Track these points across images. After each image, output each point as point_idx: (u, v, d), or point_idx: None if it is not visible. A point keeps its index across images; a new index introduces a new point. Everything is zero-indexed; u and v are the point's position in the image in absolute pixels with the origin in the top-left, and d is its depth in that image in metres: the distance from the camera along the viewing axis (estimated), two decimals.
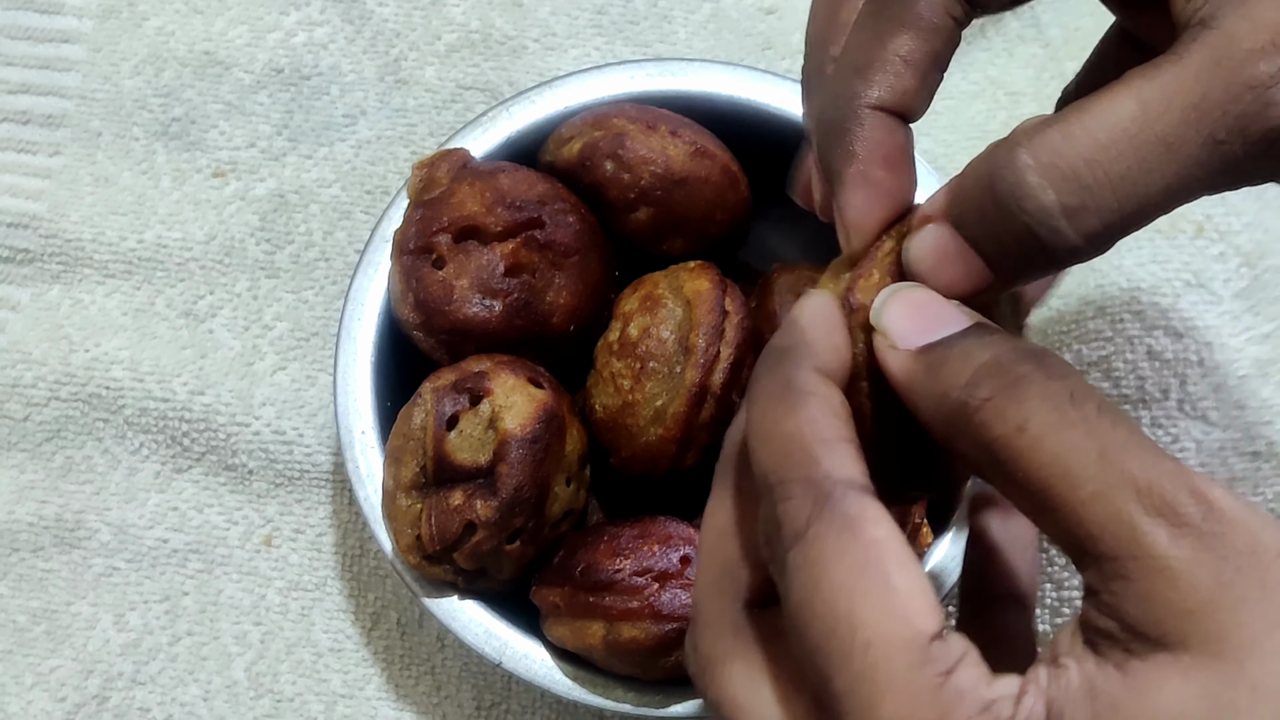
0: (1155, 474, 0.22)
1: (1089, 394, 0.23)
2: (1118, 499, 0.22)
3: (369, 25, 0.55)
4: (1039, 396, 0.23)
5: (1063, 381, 0.23)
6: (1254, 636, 0.21)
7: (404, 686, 0.48)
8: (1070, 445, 0.23)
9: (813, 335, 0.27)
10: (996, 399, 0.24)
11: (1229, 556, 0.21)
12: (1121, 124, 0.25)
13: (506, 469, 0.39)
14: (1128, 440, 0.23)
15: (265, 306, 0.51)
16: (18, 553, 0.49)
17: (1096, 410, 0.23)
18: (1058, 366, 0.24)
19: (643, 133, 0.43)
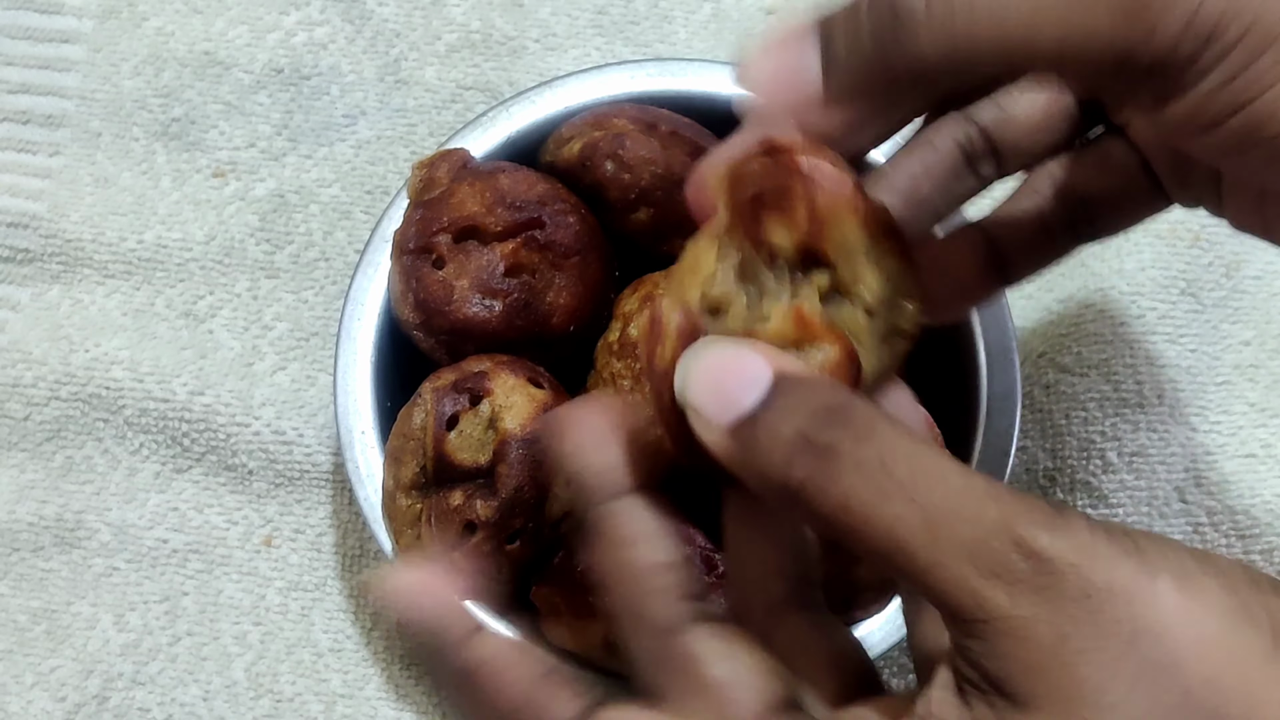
0: (980, 533, 0.22)
1: (898, 450, 0.23)
2: (952, 566, 0.22)
3: (369, 25, 0.55)
4: (851, 469, 0.23)
5: (871, 444, 0.23)
6: (1095, 688, 0.21)
7: (404, 686, 0.48)
8: (894, 517, 0.22)
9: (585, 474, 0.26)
10: (812, 479, 0.23)
11: (1063, 607, 0.21)
12: None
13: (506, 469, 0.39)
14: (946, 500, 0.22)
15: (265, 307, 0.51)
16: (18, 552, 0.49)
17: (909, 473, 0.22)
18: (864, 423, 0.23)
19: (643, 133, 0.43)
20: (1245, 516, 0.49)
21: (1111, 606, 0.21)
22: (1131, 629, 0.21)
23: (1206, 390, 0.50)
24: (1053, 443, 0.49)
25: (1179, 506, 0.49)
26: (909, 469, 0.23)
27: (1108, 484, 0.48)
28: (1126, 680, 0.21)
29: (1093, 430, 0.49)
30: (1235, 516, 0.49)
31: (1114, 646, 0.21)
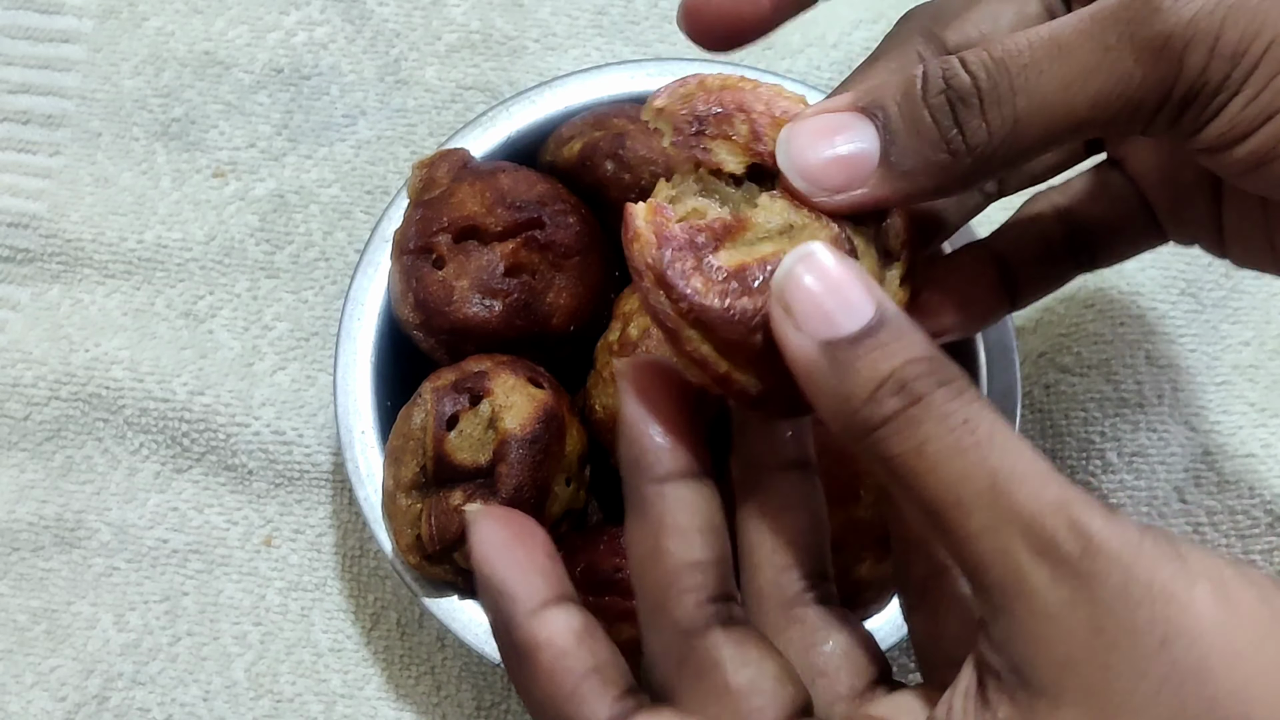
0: (1039, 506, 0.22)
1: (983, 415, 0.23)
2: (1004, 534, 0.22)
3: (369, 25, 0.55)
4: (937, 419, 0.23)
5: (960, 401, 0.23)
6: (1123, 686, 0.21)
7: (404, 686, 0.48)
8: (962, 473, 0.23)
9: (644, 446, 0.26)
10: (897, 419, 0.23)
11: (1102, 598, 0.21)
12: (1031, 34, 0.27)
13: (506, 469, 0.39)
14: (1016, 467, 0.22)
15: (265, 307, 0.51)
16: (18, 552, 0.49)
17: (989, 435, 0.23)
18: (957, 383, 0.24)
19: (643, 133, 0.43)
20: (1245, 517, 0.49)
21: (1149, 606, 0.21)
22: (1165, 631, 0.21)
23: (1206, 390, 0.50)
24: (1053, 443, 0.49)
25: (1179, 506, 0.49)
26: (989, 432, 0.23)
27: (1108, 484, 0.48)
28: (1155, 681, 0.21)
29: (1093, 430, 0.49)
30: (1235, 516, 0.49)
31: (1146, 645, 0.21)
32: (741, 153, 0.27)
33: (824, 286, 0.25)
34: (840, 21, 0.55)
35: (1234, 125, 0.26)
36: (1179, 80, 0.26)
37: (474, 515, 0.27)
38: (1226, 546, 0.48)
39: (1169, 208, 0.34)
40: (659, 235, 0.27)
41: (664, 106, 0.28)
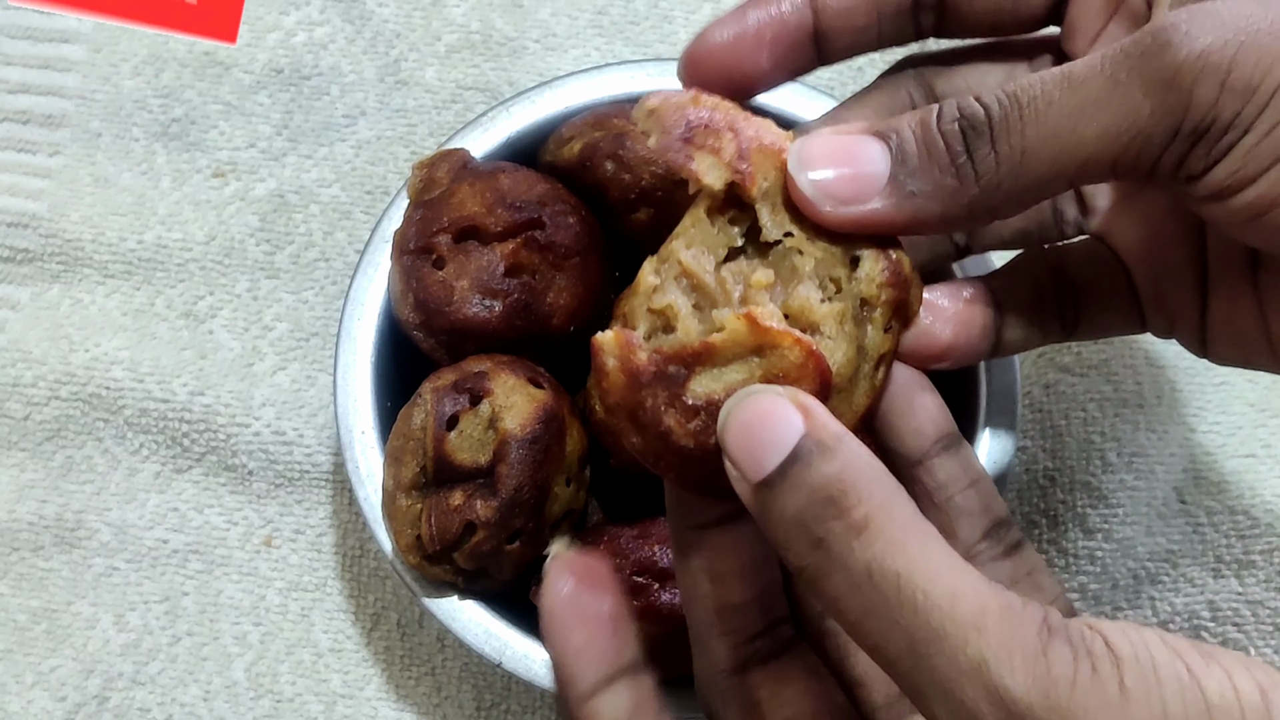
0: (956, 675, 0.22)
1: (886, 559, 0.23)
2: (929, 700, 0.22)
3: (369, 25, 0.55)
4: (841, 576, 0.23)
5: (861, 546, 0.23)
6: None
7: (404, 687, 0.48)
8: (880, 634, 0.23)
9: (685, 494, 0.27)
10: (807, 569, 0.24)
11: None
12: (1045, 73, 0.27)
13: (506, 469, 0.39)
14: (929, 624, 0.22)
15: (265, 307, 0.51)
16: (18, 552, 0.49)
17: (896, 587, 0.22)
18: (859, 518, 0.23)
19: None
20: (1245, 516, 0.49)
21: None
22: None
23: (1205, 390, 0.50)
24: (1052, 443, 0.49)
25: (1178, 507, 0.49)
26: (896, 587, 0.22)
27: (1107, 484, 0.48)
28: None
29: (1092, 430, 0.49)
30: (1235, 516, 0.49)
31: None
32: (724, 168, 0.27)
33: (749, 429, 0.25)
34: None
35: (1244, 165, 0.26)
36: (1188, 114, 0.25)
37: (549, 566, 0.28)
38: (1227, 547, 0.48)
39: (1150, 287, 0.33)
40: (628, 371, 0.26)
41: (657, 107, 0.28)
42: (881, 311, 0.28)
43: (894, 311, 0.28)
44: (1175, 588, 0.48)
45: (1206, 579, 0.48)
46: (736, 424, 0.25)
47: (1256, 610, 0.48)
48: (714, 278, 0.28)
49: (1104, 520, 0.48)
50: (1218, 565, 0.48)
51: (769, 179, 0.27)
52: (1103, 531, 0.48)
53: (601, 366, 0.27)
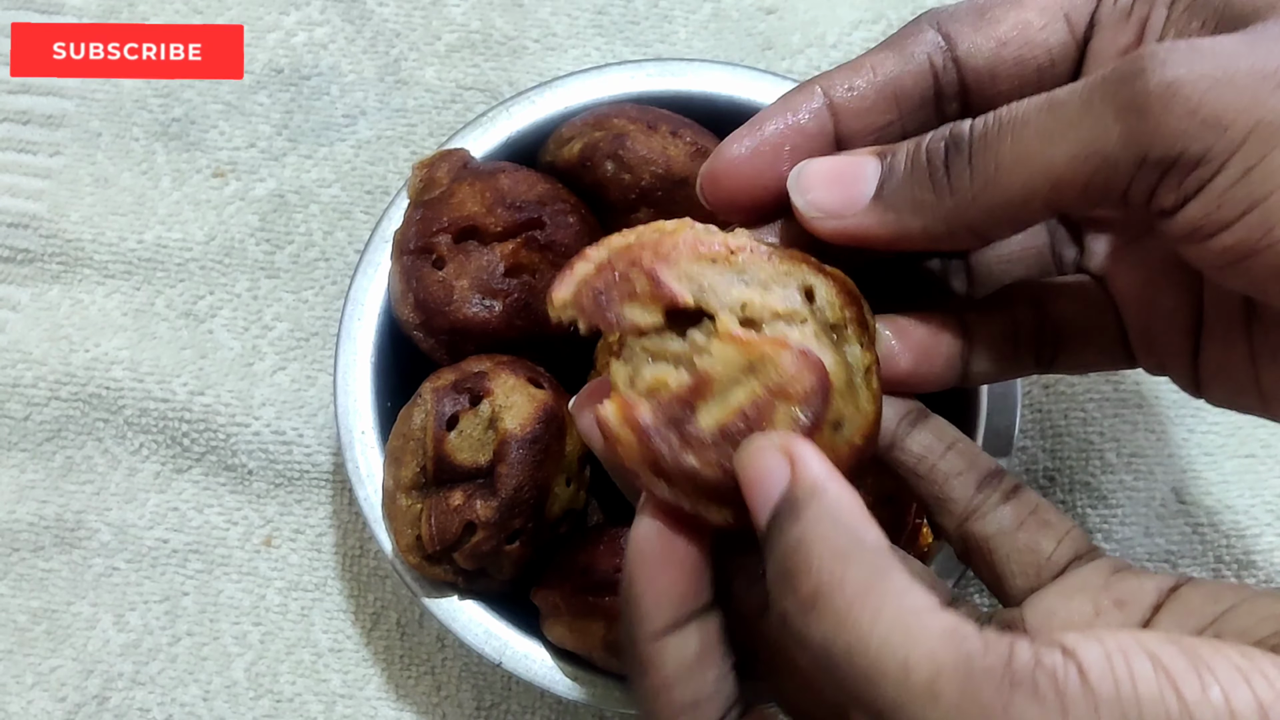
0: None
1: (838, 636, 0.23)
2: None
3: (369, 25, 0.55)
4: (801, 651, 0.23)
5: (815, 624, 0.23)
6: None
7: (404, 686, 0.48)
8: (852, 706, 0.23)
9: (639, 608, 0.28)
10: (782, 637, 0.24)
11: None
12: (1034, 97, 0.27)
13: (506, 469, 0.39)
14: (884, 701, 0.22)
15: (265, 307, 0.51)
16: (18, 552, 0.49)
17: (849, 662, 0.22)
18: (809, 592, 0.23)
19: (643, 133, 0.43)
20: (1246, 516, 0.49)
21: None
22: None
23: None
24: (1052, 443, 0.49)
25: (1177, 507, 0.49)
26: (849, 663, 0.22)
27: (1107, 484, 0.48)
28: None
29: (1092, 430, 0.49)
30: (1236, 516, 0.49)
31: None
32: (650, 302, 0.28)
33: (746, 483, 0.26)
34: (840, 22, 0.55)
35: (1218, 207, 0.25)
36: (1154, 142, 0.25)
37: (640, 512, 0.28)
38: (1227, 547, 0.48)
39: (1142, 331, 0.32)
40: (637, 431, 0.27)
41: (565, 300, 0.28)
42: (851, 329, 0.28)
43: (861, 327, 0.29)
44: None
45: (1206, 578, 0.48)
46: (742, 479, 0.26)
47: None
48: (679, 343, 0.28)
49: (1104, 520, 0.48)
50: (1218, 565, 0.48)
51: (683, 267, 0.28)
52: (1102, 532, 0.48)
53: (613, 437, 0.27)
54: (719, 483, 0.27)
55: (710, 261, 0.28)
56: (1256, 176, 0.25)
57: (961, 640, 0.22)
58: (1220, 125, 0.24)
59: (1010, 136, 0.27)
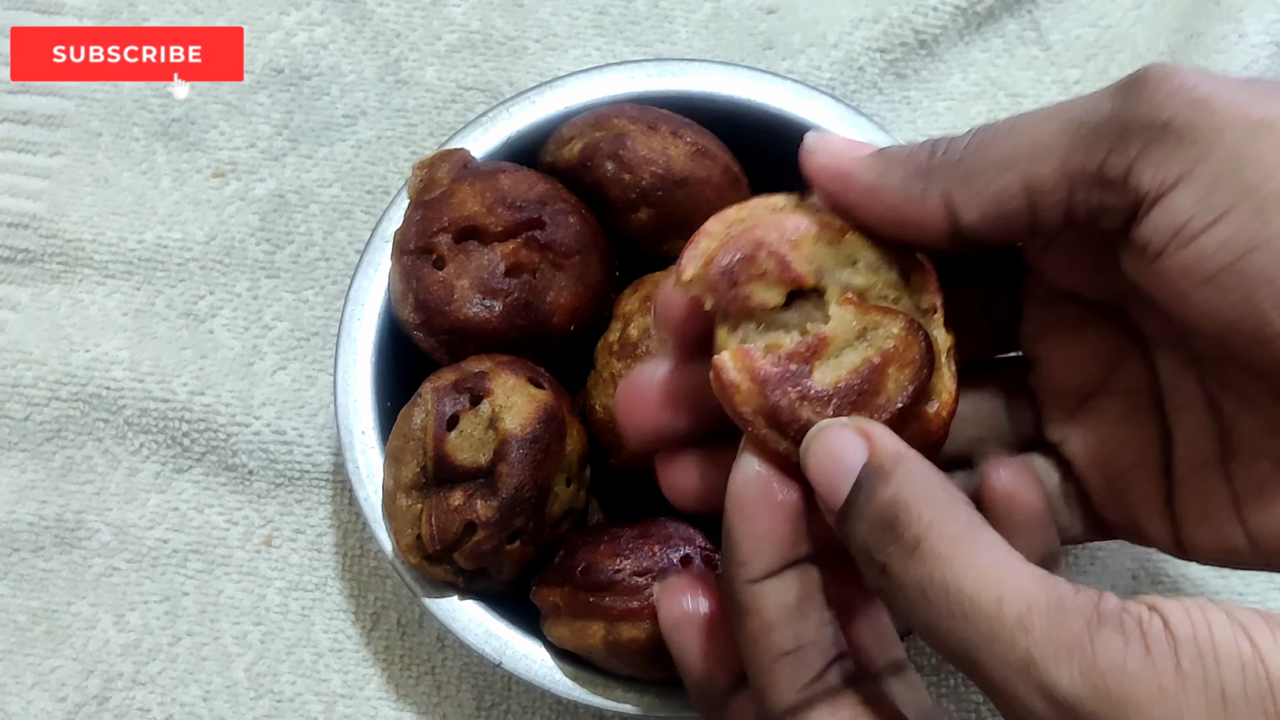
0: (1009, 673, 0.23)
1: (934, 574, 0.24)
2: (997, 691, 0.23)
3: (369, 25, 0.55)
4: (901, 592, 0.25)
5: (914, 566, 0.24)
6: None
7: (404, 686, 0.48)
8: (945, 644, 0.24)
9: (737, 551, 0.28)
10: (882, 593, 0.25)
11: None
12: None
13: (507, 469, 0.39)
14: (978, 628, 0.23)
15: (265, 306, 0.51)
16: (18, 553, 0.49)
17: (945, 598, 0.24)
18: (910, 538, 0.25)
19: (644, 133, 0.43)
20: None
21: None
22: None
23: None
24: None
25: None
26: (946, 600, 0.24)
27: None
28: None
29: None
30: None
31: None
32: (777, 284, 0.29)
33: (821, 464, 0.27)
34: (840, 21, 0.55)
35: (1208, 193, 0.25)
36: (1143, 107, 0.25)
37: (741, 456, 0.29)
38: None
39: (1106, 489, 0.32)
40: (755, 379, 0.28)
41: (693, 277, 0.30)
42: (938, 315, 0.30)
43: (945, 313, 0.30)
44: (1175, 588, 0.48)
45: (1207, 579, 0.48)
46: (812, 461, 0.27)
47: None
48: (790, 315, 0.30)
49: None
50: None
51: (808, 252, 0.29)
52: None
53: (730, 383, 0.28)
54: None
55: (827, 244, 0.29)
56: (1248, 164, 0.24)
57: (1054, 584, 0.23)
58: (1210, 108, 0.25)
59: (1010, 121, 0.27)
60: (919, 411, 0.29)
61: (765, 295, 0.29)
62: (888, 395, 0.28)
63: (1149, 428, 0.31)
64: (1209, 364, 0.29)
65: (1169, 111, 0.25)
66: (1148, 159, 0.25)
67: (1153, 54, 0.54)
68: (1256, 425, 0.28)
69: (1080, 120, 0.26)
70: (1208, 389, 0.30)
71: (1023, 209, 0.27)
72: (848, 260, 0.29)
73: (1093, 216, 0.27)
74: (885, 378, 0.28)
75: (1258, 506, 0.29)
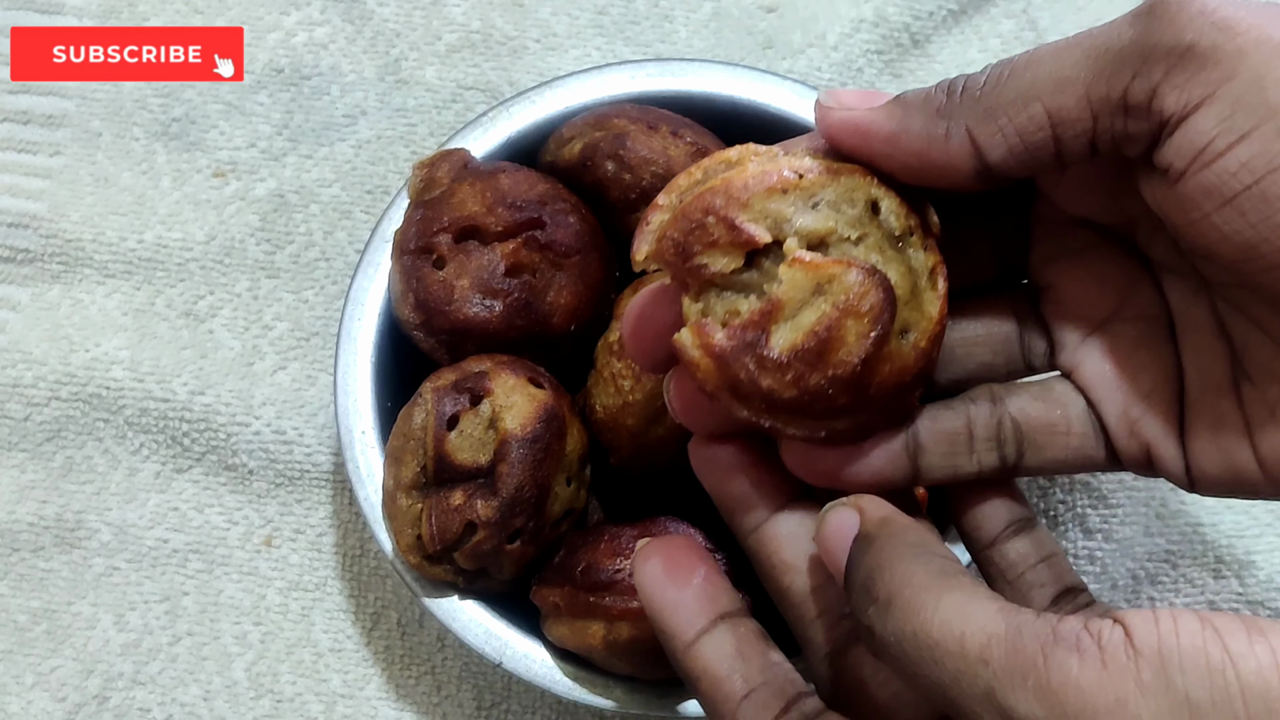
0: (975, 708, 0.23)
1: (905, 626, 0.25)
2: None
3: (369, 25, 0.55)
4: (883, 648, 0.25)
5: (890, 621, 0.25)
6: None
7: (404, 686, 0.48)
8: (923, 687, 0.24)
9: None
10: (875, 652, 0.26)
11: None
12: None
13: (507, 469, 0.39)
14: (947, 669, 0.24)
15: (265, 306, 0.51)
16: (18, 553, 0.49)
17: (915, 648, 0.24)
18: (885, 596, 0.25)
19: (644, 133, 0.43)
20: (1246, 516, 0.49)
21: None
22: None
23: None
24: None
25: (1177, 507, 0.49)
26: (916, 646, 0.24)
27: (1107, 484, 0.48)
28: None
29: None
30: (1236, 516, 0.49)
31: None
32: (730, 249, 0.29)
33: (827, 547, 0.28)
34: (841, 22, 0.55)
35: (1231, 113, 0.25)
36: (1165, 32, 0.25)
37: (637, 554, 0.31)
38: (1228, 547, 0.48)
39: (1121, 418, 0.31)
40: (713, 355, 0.29)
41: (647, 254, 0.30)
42: (915, 236, 0.30)
43: (924, 233, 0.30)
44: (1175, 588, 0.48)
45: (1206, 579, 0.48)
46: (821, 547, 0.28)
47: (1257, 610, 0.48)
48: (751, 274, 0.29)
49: (1104, 520, 0.48)
50: (1218, 565, 0.48)
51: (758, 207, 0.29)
52: (1103, 531, 0.48)
53: (691, 361, 0.29)
54: (795, 401, 0.28)
55: (781, 192, 0.29)
56: (1271, 85, 0.25)
57: (1014, 613, 0.23)
58: (1232, 30, 0.25)
59: (1030, 55, 0.28)
60: (889, 352, 0.29)
61: (721, 263, 0.29)
62: (848, 349, 0.28)
63: (1162, 354, 0.31)
64: (1220, 289, 0.30)
65: (1191, 35, 0.25)
66: (1171, 82, 0.25)
67: None
68: (1268, 348, 0.28)
69: (1102, 48, 0.26)
70: (1218, 314, 0.30)
71: (1049, 140, 0.27)
72: (808, 203, 0.29)
73: (1117, 144, 0.27)
74: (844, 331, 0.28)
75: (1269, 429, 0.29)
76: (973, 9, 0.55)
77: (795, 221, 0.29)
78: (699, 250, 0.28)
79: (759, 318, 0.28)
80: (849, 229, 0.29)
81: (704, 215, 0.28)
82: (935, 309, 0.30)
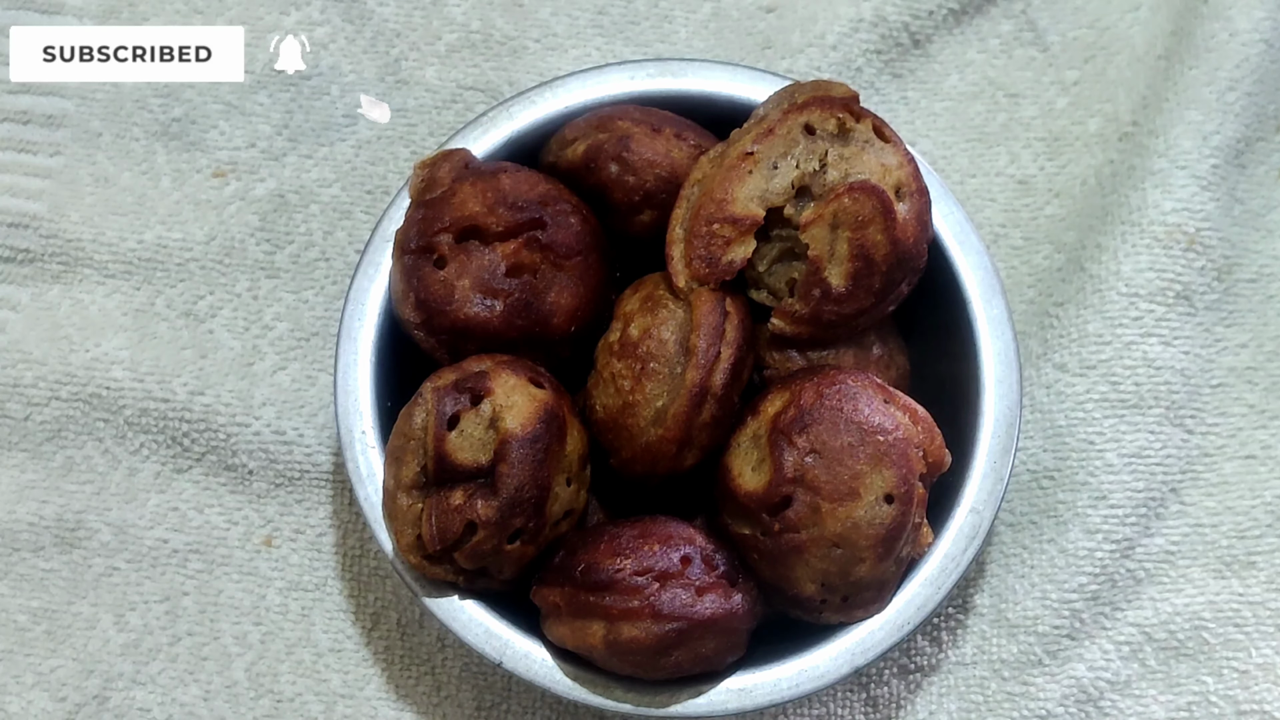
0: None
1: None
2: None
3: (369, 25, 0.55)
4: None
5: None
6: None
7: (404, 686, 0.48)
8: None
9: None
10: None
11: None
12: None
13: (507, 469, 0.39)
14: None
15: (265, 306, 0.51)
16: (18, 553, 0.49)
17: None
18: None
19: (648, 135, 0.44)
20: (1246, 517, 0.49)
21: None
22: None
23: (1201, 393, 0.50)
24: (1053, 443, 0.49)
25: (1177, 508, 0.49)
26: None
27: (1107, 484, 0.48)
28: None
29: (1092, 430, 0.49)
30: (1236, 517, 0.49)
31: None
32: (741, 236, 0.37)
33: None
34: (840, 21, 0.55)
35: None
36: None
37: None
38: (1227, 547, 0.49)
39: None
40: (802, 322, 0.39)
41: (687, 279, 0.38)
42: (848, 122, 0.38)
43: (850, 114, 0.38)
44: (1175, 588, 0.48)
45: (1206, 579, 0.48)
46: None
47: (1257, 611, 0.48)
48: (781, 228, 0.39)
49: (1104, 520, 0.48)
50: (1218, 565, 0.48)
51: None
52: (1103, 532, 0.48)
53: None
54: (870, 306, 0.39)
55: (747, 174, 0.36)
56: None
57: None
58: None
59: None
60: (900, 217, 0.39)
61: (739, 252, 0.36)
62: (878, 246, 0.37)
63: None
64: None
65: None
66: None
67: (1150, 55, 0.54)
68: None
69: None
70: None
71: None
72: (770, 169, 0.36)
73: None
74: (867, 234, 0.37)
75: None
76: (972, 9, 0.55)
77: (773, 188, 0.36)
78: (720, 253, 0.35)
79: (812, 274, 0.36)
80: (809, 163, 0.36)
81: (707, 226, 0.35)
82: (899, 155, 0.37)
